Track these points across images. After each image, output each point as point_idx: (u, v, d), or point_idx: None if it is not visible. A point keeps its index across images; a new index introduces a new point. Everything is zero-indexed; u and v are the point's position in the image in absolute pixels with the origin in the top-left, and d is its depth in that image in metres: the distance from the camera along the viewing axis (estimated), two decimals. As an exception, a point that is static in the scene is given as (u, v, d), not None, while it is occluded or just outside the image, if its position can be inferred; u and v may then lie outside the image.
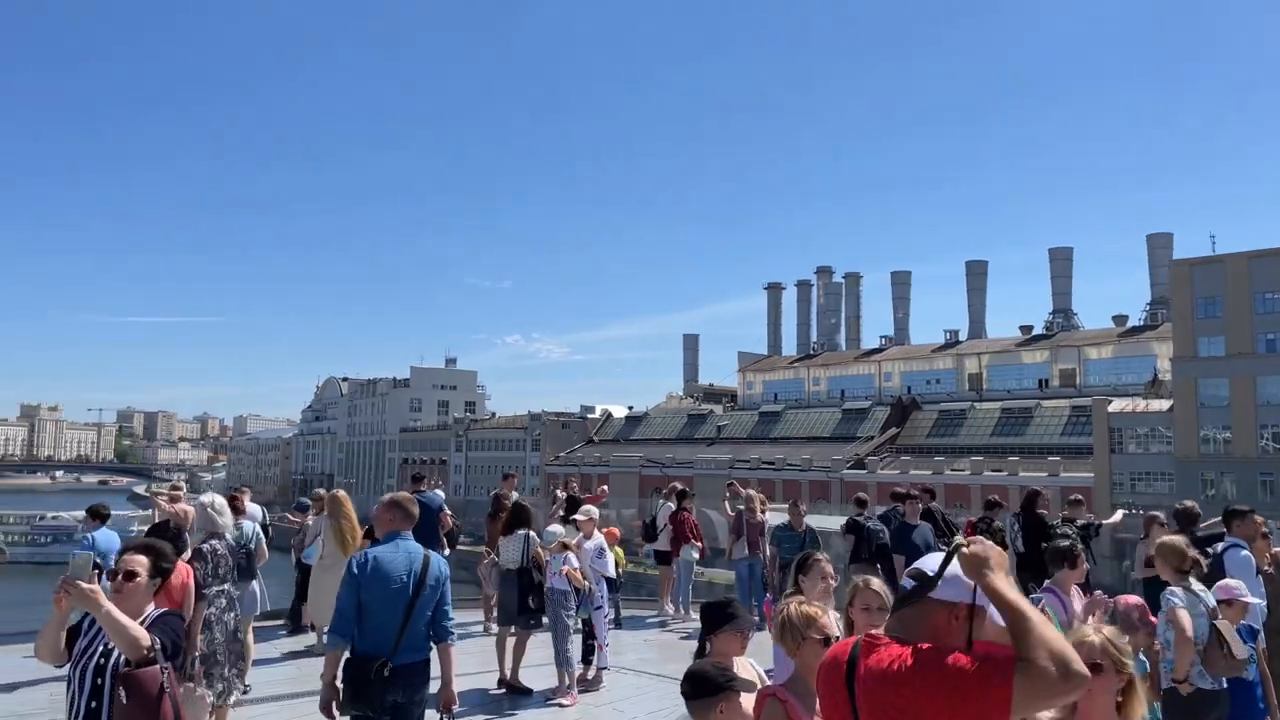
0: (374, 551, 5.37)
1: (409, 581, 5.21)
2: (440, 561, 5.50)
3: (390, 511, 5.51)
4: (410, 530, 5.55)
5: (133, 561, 4.00)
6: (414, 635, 5.22)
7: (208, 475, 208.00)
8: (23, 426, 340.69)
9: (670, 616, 13.86)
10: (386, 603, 5.17)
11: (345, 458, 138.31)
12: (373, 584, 5.18)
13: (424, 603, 5.25)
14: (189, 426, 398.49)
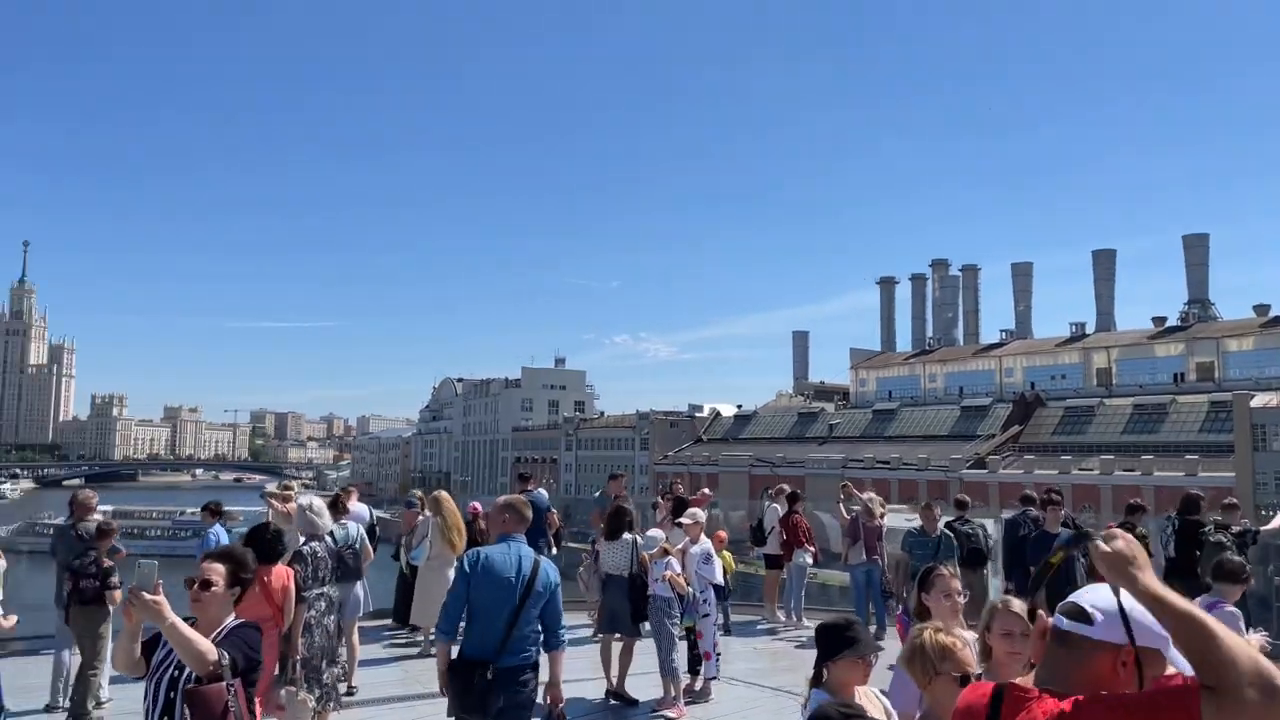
0: (486, 551, 5.35)
1: (517, 584, 5.15)
2: (551, 568, 5.36)
3: (503, 513, 5.51)
4: (523, 532, 5.47)
5: (209, 570, 3.81)
6: (519, 639, 5.12)
7: (333, 473, 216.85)
8: (166, 427, 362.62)
9: (782, 624, 13.32)
10: (494, 604, 5.13)
11: (461, 456, 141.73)
12: (482, 584, 5.15)
13: (531, 607, 5.17)
14: (316, 426, 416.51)
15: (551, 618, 5.26)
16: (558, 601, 5.33)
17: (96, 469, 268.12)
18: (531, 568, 5.23)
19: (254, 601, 6.24)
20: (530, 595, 5.15)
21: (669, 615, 8.61)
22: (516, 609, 5.10)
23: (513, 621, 5.09)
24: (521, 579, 5.16)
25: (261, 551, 6.34)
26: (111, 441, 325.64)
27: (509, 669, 5.07)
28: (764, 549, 13.88)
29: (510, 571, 5.18)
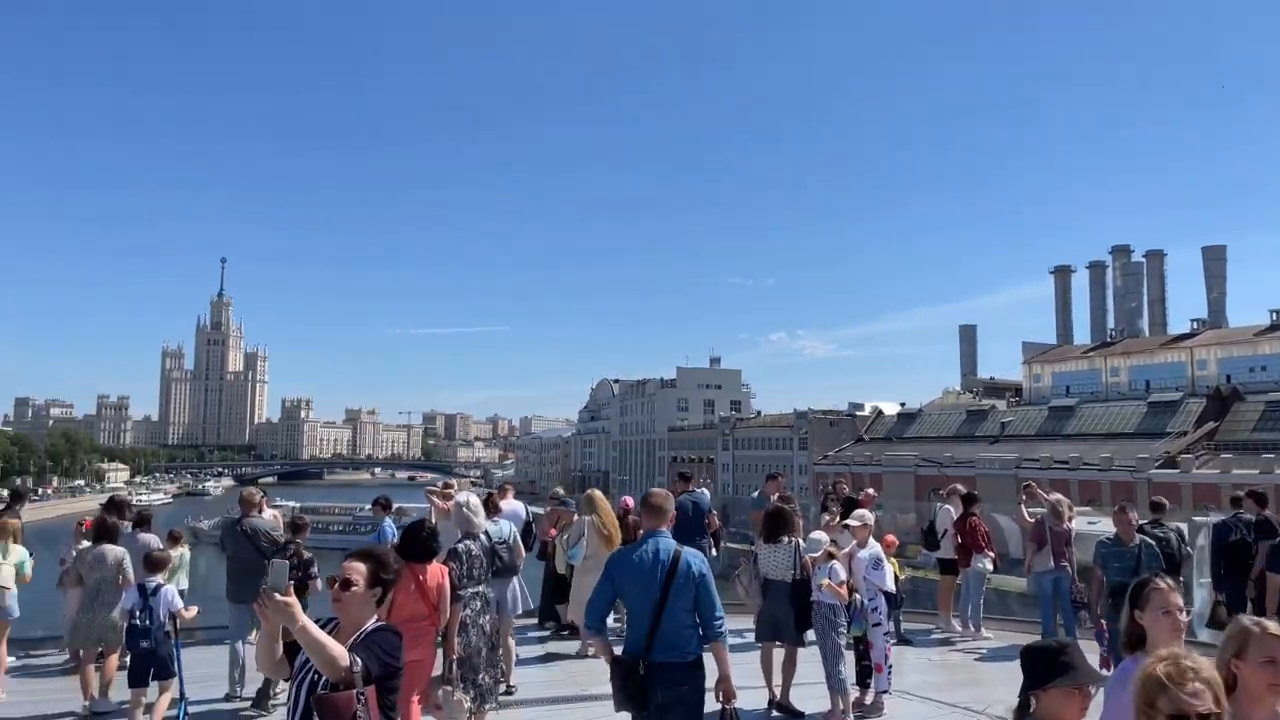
0: (629, 548, 5.40)
1: (659, 578, 5.09)
2: (694, 557, 5.21)
3: (643, 509, 5.52)
4: (666, 528, 5.38)
5: (350, 569, 3.63)
6: (670, 634, 5.03)
7: (499, 472, 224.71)
8: (348, 429, 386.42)
9: (958, 634, 12.42)
10: (639, 600, 5.13)
11: (619, 456, 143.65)
12: (625, 581, 5.20)
13: (676, 599, 5.06)
14: (482, 427, 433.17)
15: (704, 608, 5.10)
16: (709, 591, 5.15)
17: (287, 468, 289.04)
18: (671, 558, 5.12)
19: (410, 600, 6.17)
20: (672, 586, 5.05)
21: (835, 624, 8.05)
22: (659, 601, 5.03)
23: (657, 614, 5.01)
24: (661, 570, 5.08)
25: (416, 549, 6.27)
26: (300, 442, 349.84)
27: (664, 665, 4.98)
28: (937, 553, 13.00)
29: (649, 564, 5.13)
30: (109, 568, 8.72)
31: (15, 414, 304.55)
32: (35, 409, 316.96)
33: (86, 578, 8.70)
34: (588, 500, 10.12)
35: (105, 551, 8.80)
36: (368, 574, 3.63)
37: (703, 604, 5.09)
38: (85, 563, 8.79)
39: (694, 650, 5.10)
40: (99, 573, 8.68)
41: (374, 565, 3.67)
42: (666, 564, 5.10)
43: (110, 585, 8.69)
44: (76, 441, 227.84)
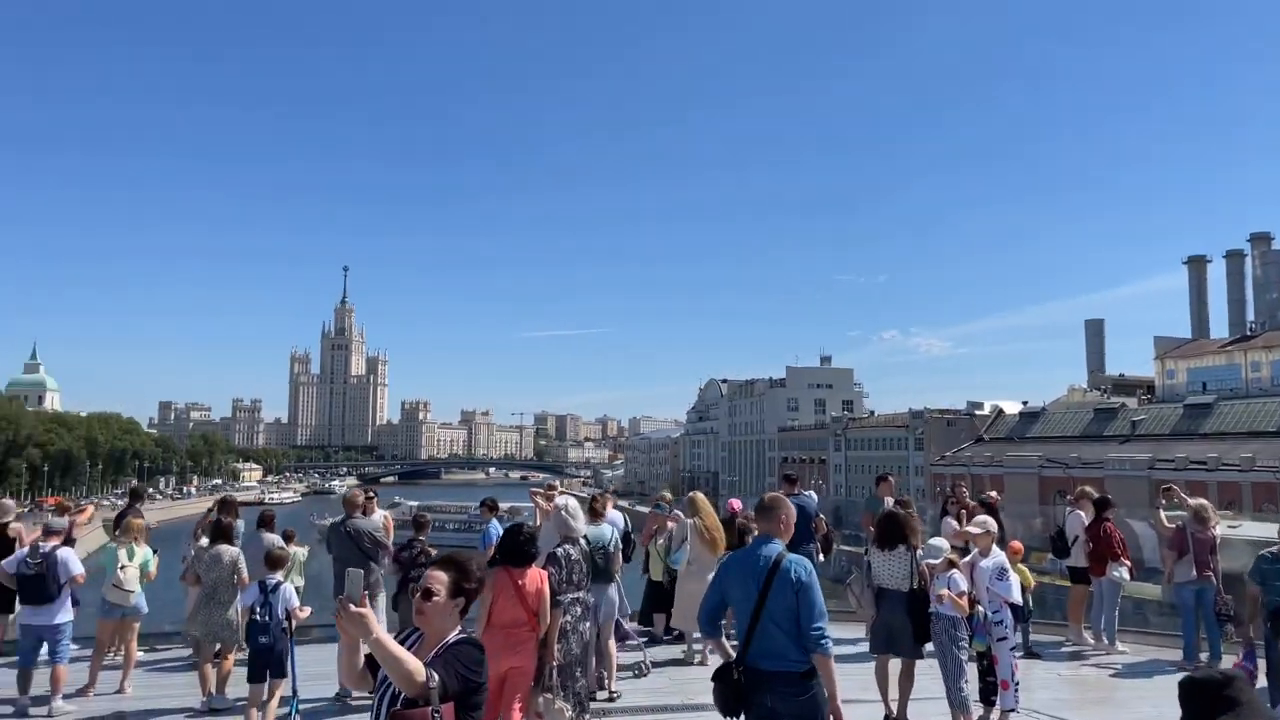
0: (739, 552, 5.33)
1: (758, 582, 4.96)
2: (797, 563, 5.02)
3: (756, 513, 5.45)
4: (780, 532, 5.22)
5: (431, 578, 3.48)
6: (769, 640, 4.87)
7: (609, 472, 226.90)
8: (463, 429, 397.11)
9: (1090, 647, 11.63)
10: (741, 605, 5.05)
11: (728, 456, 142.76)
12: (730, 585, 5.14)
13: (774, 605, 4.89)
14: (592, 428, 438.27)
15: (803, 617, 4.87)
16: (809, 599, 4.90)
17: (407, 467, 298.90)
18: (771, 564, 4.96)
19: (509, 605, 6.06)
20: (770, 592, 4.89)
21: (955, 637, 7.55)
22: (756, 607, 4.91)
23: (754, 620, 4.90)
24: (760, 576, 4.95)
25: (514, 554, 6.15)
26: (418, 442, 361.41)
27: (764, 672, 4.83)
28: (1067, 561, 12.20)
29: (752, 569, 5.02)
30: (224, 568, 8.96)
31: (159, 417, 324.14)
32: (177, 412, 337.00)
33: (204, 577, 8.97)
34: (690, 503, 9.86)
35: (221, 552, 9.04)
36: (449, 583, 3.46)
37: (802, 612, 4.87)
38: (202, 562, 9.06)
39: (802, 660, 4.84)
40: (215, 573, 8.93)
41: (456, 574, 3.50)
42: (766, 568, 4.95)
43: (226, 585, 8.93)
44: (214, 443, 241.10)
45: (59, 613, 8.80)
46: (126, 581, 9.67)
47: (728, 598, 5.17)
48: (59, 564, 8.80)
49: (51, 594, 8.72)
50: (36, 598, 8.69)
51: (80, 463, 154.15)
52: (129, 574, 9.72)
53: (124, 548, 9.85)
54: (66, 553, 9.02)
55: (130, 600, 9.71)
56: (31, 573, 8.70)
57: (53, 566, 8.76)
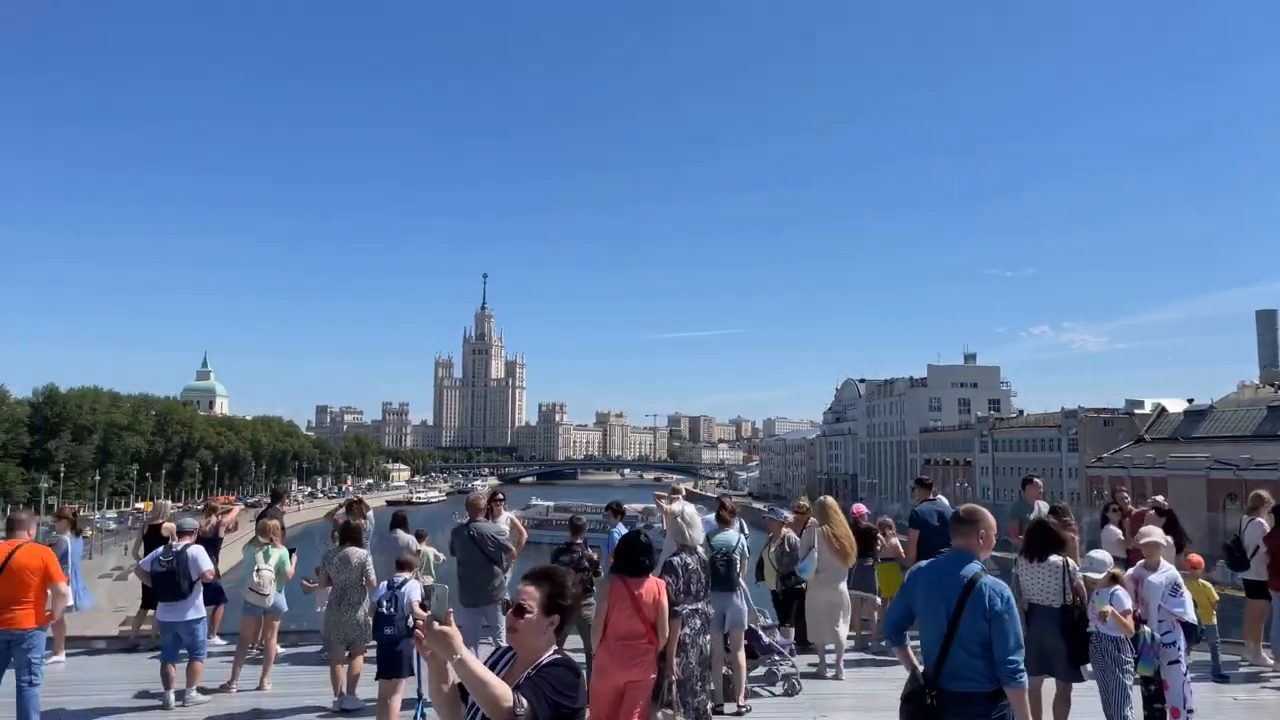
0: (929, 565, 5.06)
1: (949, 605, 4.65)
2: (992, 588, 4.64)
3: (953, 524, 5.11)
4: (970, 547, 4.83)
5: (523, 593, 3.22)
6: (959, 666, 4.60)
7: (744, 474, 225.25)
8: (598, 431, 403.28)
9: (1269, 668, 10.46)
10: (929, 624, 4.78)
11: (867, 458, 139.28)
12: (918, 600, 4.88)
13: (965, 631, 4.58)
14: (726, 429, 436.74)
15: (997, 646, 4.53)
16: (1004, 627, 4.56)
17: (544, 468, 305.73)
18: (964, 586, 4.62)
19: (625, 617, 5.80)
20: (962, 616, 4.58)
21: (1119, 660, 6.82)
22: (947, 631, 4.62)
23: (945, 644, 4.62)
24: (953, 598, 4.62)
25: (631, 563, 5.89)
26: (555, 444, 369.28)
27: (955, 694, 4.59)
28: (1245, 573, 11.03)
29: (944, 587, 4.70)
30: (353, 569, 9.08)
31: (316, 420, 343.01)
32: (332, 415, 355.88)
33: (334, 579, 9.11)
34: (821, 508, 9.37)
35: (350, 554, 9.17)
36: (542, 599, 3.20)
37: (995, 641, 4.54)
38: (332, 564, 9.21)
39: (989, 680, 4.57)
40: (344, 574, 9.06)
41: (550, 589, 3.23)
42: (959, 590, 4.62)
43: (355, 586, 9.05)
44: (366, 444, 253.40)
45: (190, 609, 9.09)
46: (262, 584, 9.95)
47: (915, 612, 4.91)
48: (189, 562, 9.09)
49: (182, 591, 9.00)
50: (169, 594, 9.00)
51: (246, 463, 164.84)
52: (264, 575, 10.00)
53: (260, 549, 10.16)
54: (196, 551, 9.30)
55: (266, 601, 10.00)
56: (163, 570, 9.02)
57: (183, 564, 9.05)
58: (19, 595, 7.35)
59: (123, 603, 32.71)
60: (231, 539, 14.79)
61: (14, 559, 7.40)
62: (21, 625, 7.35)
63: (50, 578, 7.51)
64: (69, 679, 9.97)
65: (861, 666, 10.36)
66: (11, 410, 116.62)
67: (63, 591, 7.64)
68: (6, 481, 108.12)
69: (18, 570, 7.37)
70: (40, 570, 7.47)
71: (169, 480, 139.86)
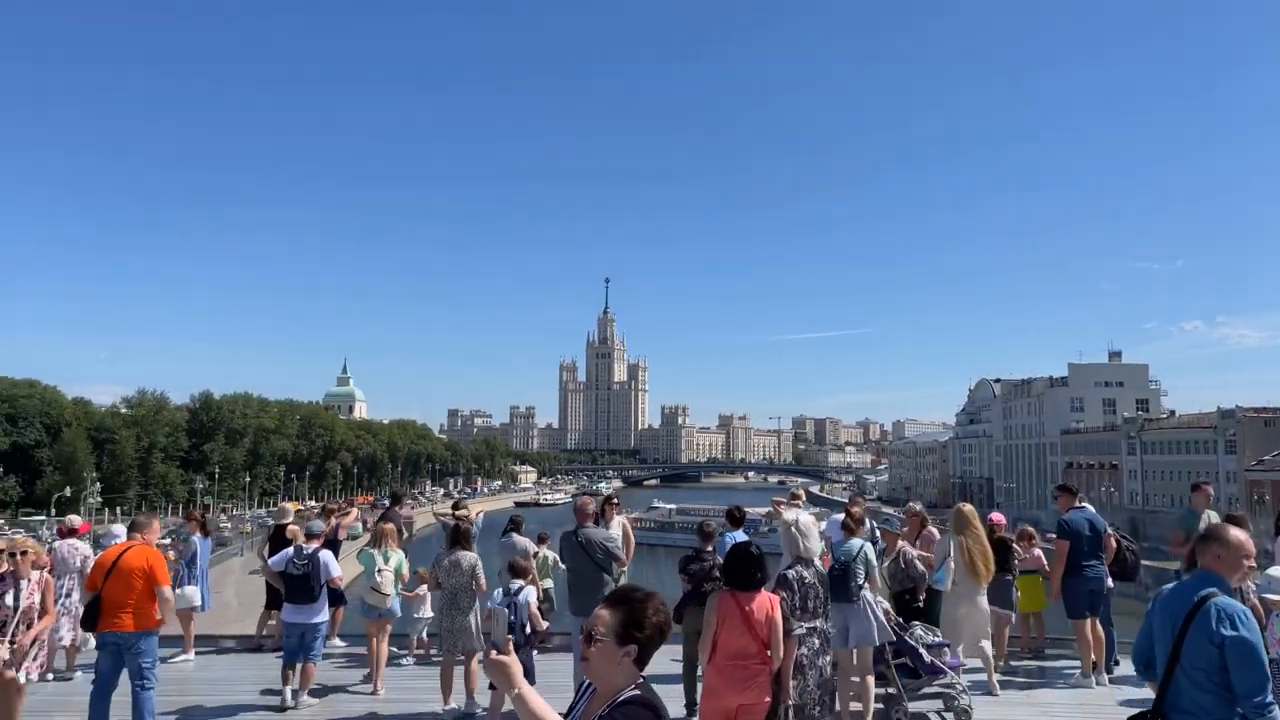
0: (1170, 587, 4.53)
1: (1173, 629, 4.14)
2: (1222, 609, 4.00)
3: (1199, 542, 4.44)
4: (1219, 570, 4.19)
5: (596, 618, 2.83)
6: (1185, 695, 4.03)
7: (872, 477, 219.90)
8: (721, 433, 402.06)
9: None
10: (1160, 650, 4.30)
11: (1003, 461, 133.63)
12: (1154, 625, 4.38)
13: (1189, 656, 4.01)
14: (852, 431, 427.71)
15: (1235, 680, 3.88)
16: (1240, 658, 3.90)
17: (668, 470, 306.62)
18: (1188, 612, 4.07)
19: (736, 634, 5.34)
20: (1185, 641, 4.05)
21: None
22: (1170, 657, 4.13)
23: (1169, 672, 4.13)
24: (1177, 622, 4.13)
25: (739, 575, 5.42)
26: (678, 446, 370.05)
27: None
28: None
29: (1172, 610, 4.20)
30: (464, 573, 8.93)
31: (448, 423, 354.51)
32: (463, 419, 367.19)
33: (444, 583, 8.96)
34: (957, 517, 8.59)
35: (460, 557, 9.02)
36: (616, 626, 2.79)
37: (1233, 674, 3.91)
38: (442, 568, 9.07)
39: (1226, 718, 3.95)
40: (455, 578, 8.91)
41: (625, 616, 2.81)
42: (1183, 614, 4.08)
43: (465, 590, 8.89)
44: (494, 447, 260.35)
45: (319, 613, 9.17)
46: (384, 585, 9.96)
47: (1154, 632, 4.38)
48: (320, 565, 9.18)
49: (314, 594, 9.09)
50: (301, 597, 9.08)
51: (383, 465, 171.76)
52: (386, 578, 10.01)
53: (380, 552, 10.17)
54: (327, 555, 9.39)
55: (387, 603, 10.00)
56: (298, 573, 9.11)
57: (315, 568, 9.13)
58: (124, 598, 7.46)
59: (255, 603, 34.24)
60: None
61: (121, 561, 7.54)
62: (126, 628, 7.45)
63: (155, 581, 7.59)
64: (194, 677, 10.22)
65: (1004, 689, 9.51)
66: (172, 416, 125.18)
67: (166, 597, 7.71)
68: (167, 482, 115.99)
69: (125, 572, 7.49)
70: (145, 573, 7.55)
71: (312, 481, 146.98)
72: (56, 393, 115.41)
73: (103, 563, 7.71)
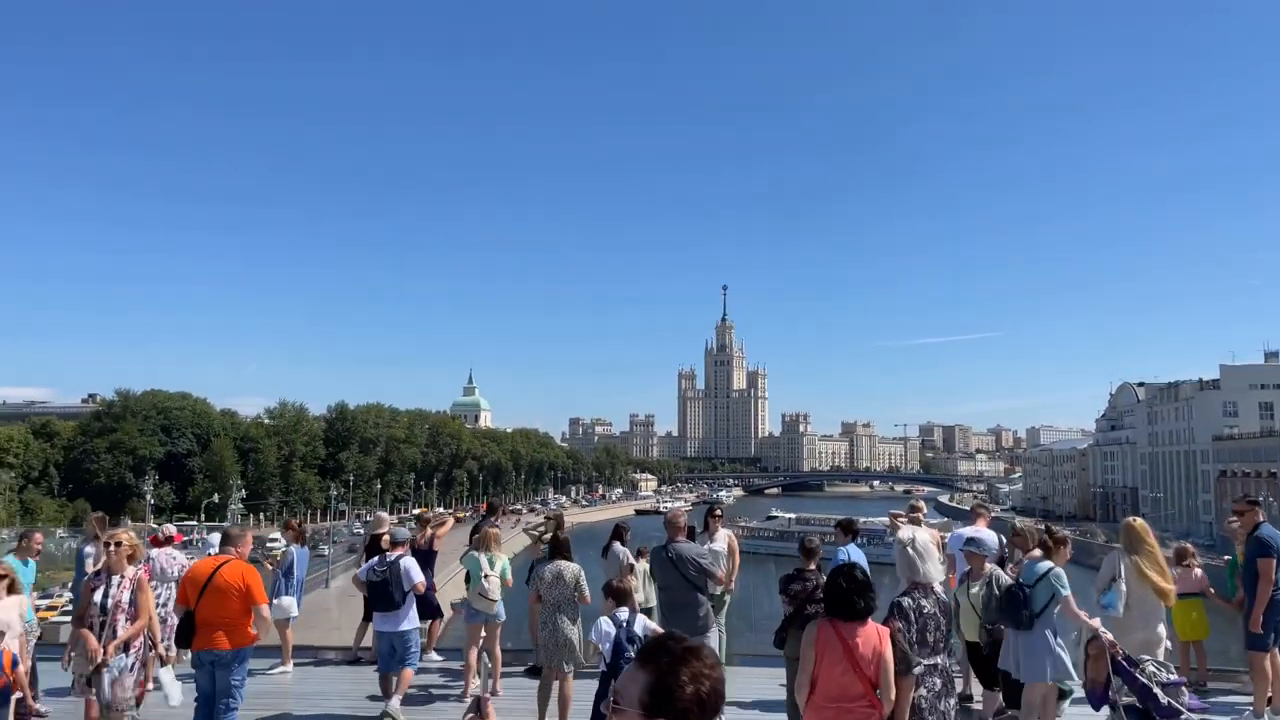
0: None
1: None
2: None
3: None
4: None
5: (623, 682, 2.23)
6: None
7: (1005, 486, 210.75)
8: (844, 441, 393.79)
9: None
10: None
11: (1148, 470, 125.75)
12: None
13: None
14: (983, 439, 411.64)
15: None
16: None
17: (789, 479, 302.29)
18: None
19: (837, 672, 4.66)
20: None
21: None
22: None
23: None
24: None
25: (842, 603, 4.74)
26: (800, 455, 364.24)
27: None
28: None
29: None
30: (566, 585, 8.50)
31: (569, 432, 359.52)
32: (584, 427, 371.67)
33: (545, 595, 8.52)
34: (1127, 533, 7.52)
35: (563, 568, 8.59)
36: (641, 694, 2.19)
37: None
38: (544, 580, 8.62)
39: None
40: (558, 590, 8.49)
41: (653, 683, 2.19)
42: None
43: (568, 603, 8.45)
44: (615, 455, 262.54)
45: (404, 620, 8.95)
46: (491, 590, 9.68)
47: None
48: (401, 572, 8.95)
49: (395, 601, 8.88)
50: (383, 604, 8.89)
51: (507, 473, 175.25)
52: (492, 582, 9.74)
53: (485, 556, 9.90)
54: (409, 561, 9.16)
55: (493, 607, 9.77)
56: (378, 580, 8.92)
57: (395, 575, 8.91)
58: (220, 616, 7.27)
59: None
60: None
61: (217, 577, 7.34)
62: (222, 646, 7.26)
63: (252, 599, 7.39)
64: (290, 690, 10.14)
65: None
66: (310, 426, 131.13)
67: (264, 615, 7.53)
68: (306, 489, 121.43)
69: (221, 589, 7.30)
70: (241, 591, 7.34)
71: (440, 489, 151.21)
72: (206, 405, 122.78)
73: (195, 578, 7.45)
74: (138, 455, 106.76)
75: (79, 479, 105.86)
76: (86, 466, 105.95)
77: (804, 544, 8.16)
